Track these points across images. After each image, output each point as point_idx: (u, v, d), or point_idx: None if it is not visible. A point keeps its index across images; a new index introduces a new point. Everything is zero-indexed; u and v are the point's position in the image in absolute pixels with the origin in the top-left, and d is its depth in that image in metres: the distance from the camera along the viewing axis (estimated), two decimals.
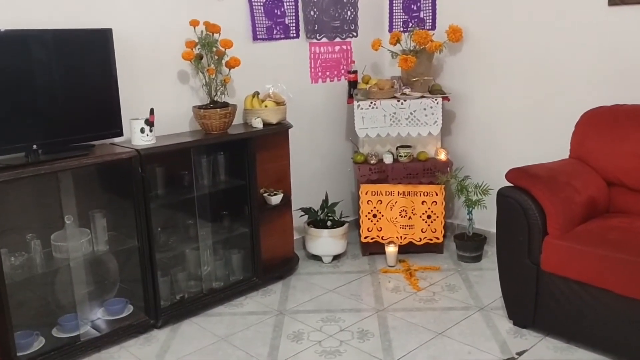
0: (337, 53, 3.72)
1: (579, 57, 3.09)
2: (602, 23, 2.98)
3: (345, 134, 3.86)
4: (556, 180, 2.56)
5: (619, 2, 2.89)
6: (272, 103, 3.17)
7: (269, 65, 3.37)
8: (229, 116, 2.96)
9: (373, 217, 3.52)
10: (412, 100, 3.39)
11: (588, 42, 3.05)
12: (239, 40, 3.15)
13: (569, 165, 2.75)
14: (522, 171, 2.60)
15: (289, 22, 3.43)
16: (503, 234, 2.63)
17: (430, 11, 3.72)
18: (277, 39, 3.39)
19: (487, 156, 3.60)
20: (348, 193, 3.95)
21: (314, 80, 3.64)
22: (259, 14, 3.27)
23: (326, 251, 3.49)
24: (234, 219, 3.13)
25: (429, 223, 3.49)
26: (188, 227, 2.99)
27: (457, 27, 3.46)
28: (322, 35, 3.61)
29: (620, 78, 2.95)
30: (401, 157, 3.45)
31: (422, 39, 3.41)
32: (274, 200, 3.17)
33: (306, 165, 3.67)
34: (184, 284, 2.94)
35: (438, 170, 3.40)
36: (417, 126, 3.42)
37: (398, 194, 3.47)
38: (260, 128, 3.08)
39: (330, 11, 3.62)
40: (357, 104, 3.42)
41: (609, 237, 2.37)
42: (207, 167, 3.00)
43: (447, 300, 2.96)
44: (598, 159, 2.75)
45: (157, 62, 2.92)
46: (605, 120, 2.78)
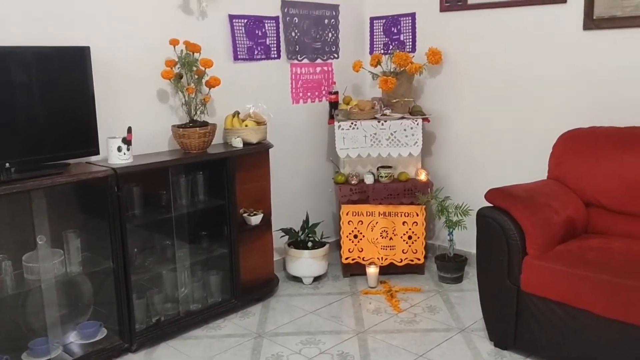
0: (318, 74, 3.74)
1: (556, 79, 3.14)
2: (577, 47, 3.04)
3: (326, 154, 3.85)
4: (535, 201, 2.57)
5: (593, 27, 2.95)
6: (252, 123, 3.16)
7: (250, 85, 3.36)
8: (208, 135, 2.93)
9: (354, 237, 3.49)
10: (392, 121, 3.41)
11: (565, 65, 3.10)
12: (220, 59, 3.15)
13: (548, 186, 2.77)
14: (501, 191, 2.61)
15: (270, 42, 3.44)
16: (483, 254, 2.63)
17: (410, 34, 3.76)
18: (258, 59, 3.40)
19: (467, 177, 3.62)
20: (329, 213, 3.93)
21: (295, 100, 3.64)
22: (240, 35, 3.28)
23: (307, 272, 3.45)
24: (213, 240, 3.09)
25: (409, 244, 3.48)
26: (165, 248, 2.93)
27: (436, 49, 3.50)
28: (303, 56, 3.62)
29: (596, 100, 3.00)
30: (382, 177, 3.45)
31: (403, 61, 3.44)
32: (253, 220, 3.14)
33: (287, 185, 3.65)
34: (160, 306, 2.87)
35: (419, 190, 3.40)
36: (397, 147, 3.42)
37: (379, 215, 3.46)
38: (240, 147, 3.06)
39: (312, 33, 3.64)
40: (338, 124, 3.42)
41: (588, 257, 2.38)
42: (185, 187, 2.95)
43: (428, 322, 2.94)
44: (576, 180, 2.78)
45: (136, 81, 2.90)
46: (583, 142, 2.82)
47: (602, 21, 2.92)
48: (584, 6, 2.95)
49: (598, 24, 2.93)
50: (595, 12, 2.92)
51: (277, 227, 3.46)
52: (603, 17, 2.91)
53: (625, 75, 2.89)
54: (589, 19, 2.96)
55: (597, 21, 2.93)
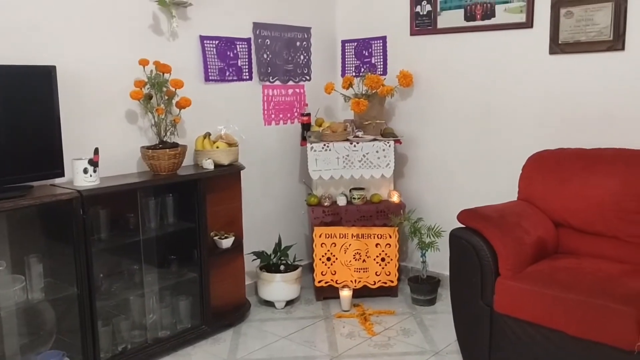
0: (291, 96, 3.74)
1: (524, 102, 3.20)
2: (544, 70, 3.11)
3: (299, 176, 3.83)
4: (506, 221, 2.59)
5: (559, 51, 3.03)
6: (223, 144, 3.12)
7: (221, 107, 3.33)
8: (178, 157, 2.88)
9: (327, 260, 3.45)
10: (364, 143, 3.41)
11: (532, 89, 3.17)
12: (191, 80, 3.12)
13: (518, 207, 2.79)
14: (473, 212, 2.62)
15: (242, 64, 3.42)
16: (456, 275, 2.62)
17: (381, 57, 3.80)
18: (230, 80, 3.38)
19: (439, 198, 3.63)
20: (301, 236, 3.89)
21: (267, 122, 3.62)
22: (211, 56, 3.26)
23: (279, 296, 3.38)
24: (183, 264, 3.01)
25: (383, 266, 3.45)
26: (133, 273, 2.84)
27: (407, 72, 3.54)
28: (275, 78, 3.62)
29: (563, 122, 3.06)
30: (354, 199, 3.43)
31: (374, 83, 3.47)
32: (224, 243, 3.08)
33: (259, 207, 3.60)
34: (127, 334, 2.77)
35: (391, 212, 3.40)
36: (370, 168, 3.42)
37: (352, 237, 3.43)
38: (211, 169, 3.01)
39: (284, 55, 3.65)
40: (310, 146, 3.41)
41: (558, 277, 2.39)
42: (154, 210, 2.88)
43: (403, 345, 2.90)
44: (545, 201, 2.81)
45: (104, 101, 2.84)
46: (550, 164, 2.86)
47: (567, 46, 3.00)
48: (550, 31, 3.03)
49: (563, 49, 3.01)
50: (560, 37, 3.00)
51: (248, 250, 3.40)
52: (568, 42, 2.99)
53: (590, 97, 2.97)
54: (554, 43, 3.03)
55: (562, 46, 3.01)
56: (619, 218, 2.59)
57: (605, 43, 2.87)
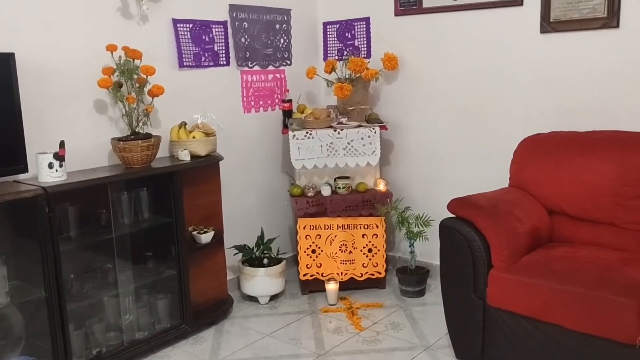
0: (271, 81, 3.57)
1: (514, 85, 3.07)
2: (535, 50, 2.97)
3: (281, 165, 3.67)
4: (499, 210, 2.47)
5: (550, 30, 2.90)
6: (200, 134, 2.96)
7: (198, 94, 3.16)
8: (152, 148, 2.71)
9: (312, 252, 3.32)
10: (349, 130, 3.27)
11: (523, 70, 3.03)
12: (164, 67, 2.95)
13: (510, 194, 2.67)
14: (464, 201, 2.50)
15: (219, 49, 3.24)
16: (447, 267, 2.50)
17: (364, 39, 3.64)
18: (206, 66, 3.20)
19: (427, 186, 3.51)
20: (285, 228, 3.75)
21: (246, 109, 3.45)
22: (185, 40, 3.07)
23: (263, 291, 3.25)
24: (160, 261, 2.86)
25: (370, 257, 3.33)
26: (106, 272, 2.68)
27: (392, 55, 3.39)
28: (254, 63, 3.44)
29: (556, 105, 2.94)
30: (339, 188, 3.29)
31: (358, 67, 3.31)
32: (204, 238, 2.93)
33: (239, 199, 3.45)
34: (101, 337, 2.62)
35: (378, 201, 3.27)
36: (355, 156, 3.28)
37: (337, 228, 3.30)
38: (188, 161, 2.85)
39: (262, 38, 3.47)
40: (292, 134, 3.26)
41: (555, 268, 2.28)
42: (128, 205, 2.72)
43: (392, 340, 2.79)
44: (538, 187, 2.69)
45: (69, 90, 2.65)
46: (543, 148, 2.74)
47: (559, 24, 2.86)
48: (541, 9, 2.89)
49: (555, 27, 2.88)
50: (552, 15, 2.87)
51: (230, 245, 3.25)
52: (560, 20, 2.86)
53: (584, 79, 2.84)
54: (545, 21, 2.90)
55: (554, 24, 2.88)
56: (616, 204, 2.48)
57: (599, 20, 2.74)
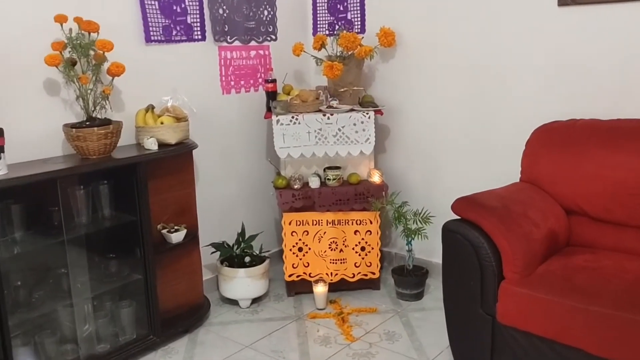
0: (253, 59, 3.19)
1: (527, 64, 2.71)
2: (551, 26, 2.60)
3: (264, 153, 3.31)
4: (511, 212, 2.13)
5: (570, 2, 2.53)
6: (170, 119, 2.59)
7: (168, 73, 2.78)
8: (111, 136, 2.35)
9: (299, 250, 2.99)
10: (340, 115, 2.91)
11: (537, 48, 2.66)
12: (128, 41, 2.58)
13: (523, 192, 2.34)
14: (471, 201, 2.16)
15: (192, 21, 2.86)
16: (450, 277, 2.18)
17: (358, 12, 3.25)
18: (178, 41, 2.81)
19: (427, 177, 3.16)
20: (270, 221, 3.41)
21: (225, 90, 3.08)
22: (153, 11, 2.68)
23: (243, 294, 2.92)
24: (124, 264, 2.52)
25: (363, 256, 3.00)
26: (59, 278, 2.34)
27: (389, 30, 3.01)
28: (233, 37, 3.06)
29: (574, 89, 2.58)
30: (329, 180, 2.95)
31: (350, 43, 2.93)
32: (174, 237, 2.59)
33: (217, 191, 3.10)
34: (54, 351, 2.29)
35: (372, 195, 2.93)
36: (346, 144, 2.93)
37: (327, 224, 2.97)
38: (155, 150, 2.49)
39: (243, 9, 3.08)
40: (276, 118, 2.89)
41: (577, 282, 1.96)
42: (84, 201, 2.37)
43: (387, 354, 2.47)
44: (554, 183, 2.36)
45: (12, 69, 2.27)
46: (561, 138, 2.40)
47: None
48: None
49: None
50: None
51: (206, 242, 2.92)
52: None
53: (608, 59, 2.48)
54: None
55: None
56: None
57: None
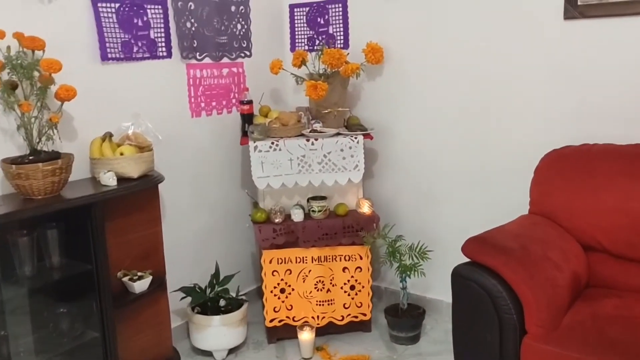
0: (226, 77, 2.86)
1: (531, 82, 2.46)
2: (557, 41, 2.37)
3: (241, 182, 2.98)
4: (531, 254, 1.86)
5: (577, 15, 2.30)
6: (131, 149, 2.24)
7: (128, 96, 2.44)
8: (59, 173, 1.99)
9: (280, 292, 2.66)
10: (325, 139, 2.60)
11: (541, 65, 2.42)
12: (80, 60, 2.25)
13: (538, 228, 2.07)
14: (485, 242, 1.88)
15: (156, 35, 2.52)
16: (463, 330, 1.89)
17: (341, 25, 2.97)
18: (139, 58, 2.47)
19: (420, 206, 2.88)
20: (247, 256, 3.08)
21: (195, 113, 2.74)
22: (110, 24, 2.34)
23: (218, 345, 2.57)
24: (77, 320, 2.15)
25: (352, 295, 2.69)
26: None
27: (376, 45, 2.73)
28: (203, 54, 2.73)
29: (582, 108, 2.35)
30: (314, 212, 2.64)
31: (335, 60, 2.65)
32: (137, 286, 2.23)
33: (187, 227, 2.75)
34: None
35: (362, 227, 2.63)
36: (333, 172, 2.62)
37: (312, 261, 2.65)
38: (113, 186, 2.14)
39: (214, 23, 2.76)
40: (253, 145, 2.57)
41: (611, 334, 1.69)
42: (28, 249, 2.00)
43: None
44: (570, 217, 2.10)
45: None
46: (576, 165, 2.15)
47: (589, 8, 2.26)
48: None
49: (583, 12, 2.28)
50: None
51: (175, 285, 2.57)
52: (590, 3, 2.26)
53: (619, 77, 2.25)
54: (571, 5, 2.30)
55: (582, 8, 2.28)
56: None
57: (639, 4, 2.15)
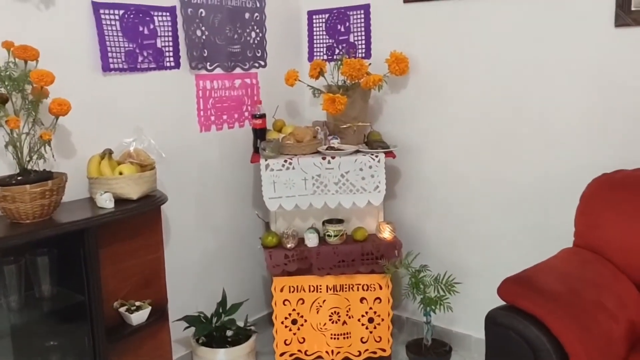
0: (238, 89, 2.67)
1: (575, 96, 2.21)
2: (605, 51, 2.12)
3: (251, 203, 2.78)
4: (582, 300, 1.61)
5: (631, 23, 2.05)
6: (130, 168, 2.05)
7: (131, 109, 2.25)
8: (50, 195, 1.80)
9: (292, 323, 2.45)
10: (343, 157, 2.39)
11: (586, 78, 2.17)
12: (79, 71, 2.08)
13: (589, 267, 1.81)
14: (526, 284, 1.63)
15: (164, 44, 2.34)
16: None
17: (363, 33, 2.76)
18: (145, 69, 2.29)
19: (447, 232, 2.63)
20: (257, 280, 2.87)
21: (204, 127, 2.55)
22: (113, 33, 2.16)
23: None
24: (68, 355, 1.96)
25: (371, 329, 2.46)
26: None
27: (401, 55, 2.52)
28: (214, 64, 2.54)
29: (636, 127, 2.09)
30: (330, 236, 2.42)
31: (355, 71, 2.43)
32: (135, 318, 2.03)
33: (192, 251, 2.55)
34: None
35: (382, 254, 2.40)
36: (351, 193, 2.40)
37: (327, 290, 2.43)
38: (110, 209, 1.95)
39: (226, 31, 2.57)
40: (265, 163, 2.37)
41: None
42: (15, 278, 1.83)
43: None
44: (624, 253, 1.84)
45: None
46: (629, 192, 1.89)
47: None
48: None
49: (638, 18, 2.03)
50: (633, 2, 2.02)
51: (178, 315, 2.37)
52: None
53: None
54: (623, 10, 2.05)
55: (636, 14, 2.03)
56: None
57: None
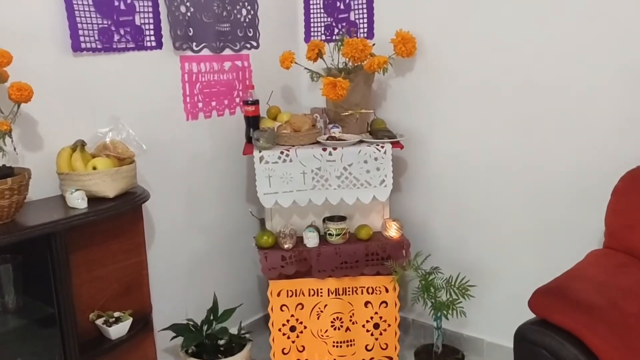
0: (228, 72, 2.42)
1: (600, 81, 1.98)
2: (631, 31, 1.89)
3: (245, 198, 2.55)
4: (623, 314, 1.40)
5: None
6: (105, 161, 1.82)
7: (106, 95, 2.01)
8: (10, 195, 1.56)
9: (290, 330, 2.23)
10: (346, 149, 2.15)
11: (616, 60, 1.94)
12: (45, 50, 1.83)
13: (628, 273, 1.59)
14: (561, 296, 1.42)
15: (143, 22, 2.08)
16: None
17: (364, 11, 2.51)
18: (121, 49, 2.04)
19: (456, 227, 2.41)
20: (252, 281, 2.65)
21: (190, 115, 2.31)
22: (84, 7, 1.90)
23: None
24: None
25: (376, 335, 2.25)
26: None
27: (407, 34, 2.28)
28: (201, 44, 2.29)
29: None
30: (331, 235, 2.20)
31: (358, 52, 2.19)
32: (114, 332, 1.81)
33: (180, 252, 2.32)
34: None
35: (388, 254, 2.18)
36: (354, 188, 2.17)
37: (329, 294, 2.22)
38: (82, 209, 1.71)
39: (214, 8, 2.32)
40: (259, 154, 2.13)
41: None
42: None
43: None
44: None
45: None
46: None
47: None
48: None
49: None
50: None
51: (164, 323, 2.15)
52: None
53: None
54: None
55: None
56: None
57: None
